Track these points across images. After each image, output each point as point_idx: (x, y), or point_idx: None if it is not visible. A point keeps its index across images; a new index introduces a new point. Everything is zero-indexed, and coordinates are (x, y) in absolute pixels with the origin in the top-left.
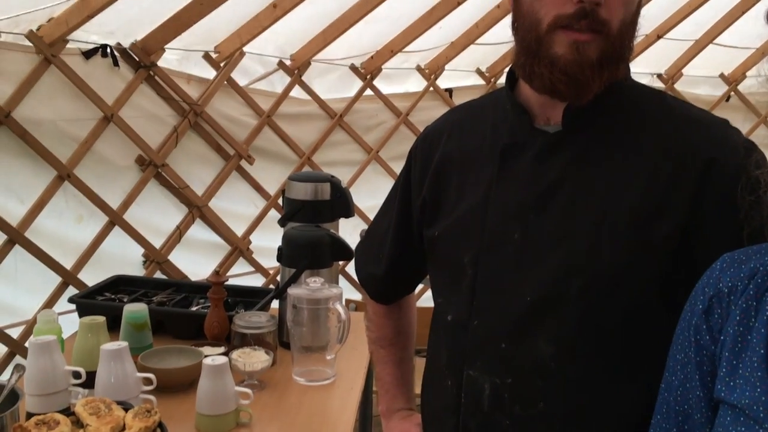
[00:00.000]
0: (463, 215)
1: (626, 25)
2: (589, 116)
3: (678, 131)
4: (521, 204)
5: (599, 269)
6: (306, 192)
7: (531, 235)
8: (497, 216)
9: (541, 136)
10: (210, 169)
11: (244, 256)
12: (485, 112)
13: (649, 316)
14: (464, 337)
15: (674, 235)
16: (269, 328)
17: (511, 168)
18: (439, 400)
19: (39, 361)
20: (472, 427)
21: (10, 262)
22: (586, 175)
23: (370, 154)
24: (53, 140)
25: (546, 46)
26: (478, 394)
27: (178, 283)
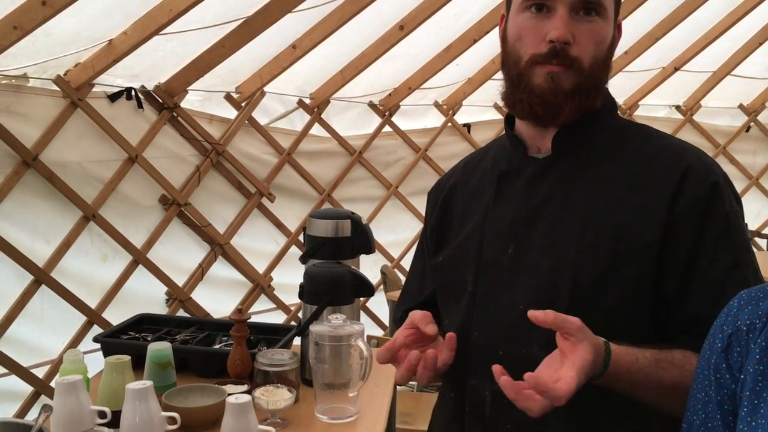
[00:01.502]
0: (465, 238)
1: (598, 61)
2: (575, 143)
3: (658, 153)
4: (513, 221)
5: (583, 278)
6: (327, 229)
7: (523, 248)
8: (493, 234)
9: (533, 162)
10: (232, 207)
11: (266, 293)
12: (488, 152)
13: (634, 319)
14: (465, 349)
15: (653, 243)
16: (292, 366)
17: (505, 191)
18: (445, 412)
19: (65, 401)
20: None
21: (36, 302)
22: (570, 193)
23: (389, 190)
24: (79, 181)
25: (526, 78)
26: (480, 401)
27: (201, 321)
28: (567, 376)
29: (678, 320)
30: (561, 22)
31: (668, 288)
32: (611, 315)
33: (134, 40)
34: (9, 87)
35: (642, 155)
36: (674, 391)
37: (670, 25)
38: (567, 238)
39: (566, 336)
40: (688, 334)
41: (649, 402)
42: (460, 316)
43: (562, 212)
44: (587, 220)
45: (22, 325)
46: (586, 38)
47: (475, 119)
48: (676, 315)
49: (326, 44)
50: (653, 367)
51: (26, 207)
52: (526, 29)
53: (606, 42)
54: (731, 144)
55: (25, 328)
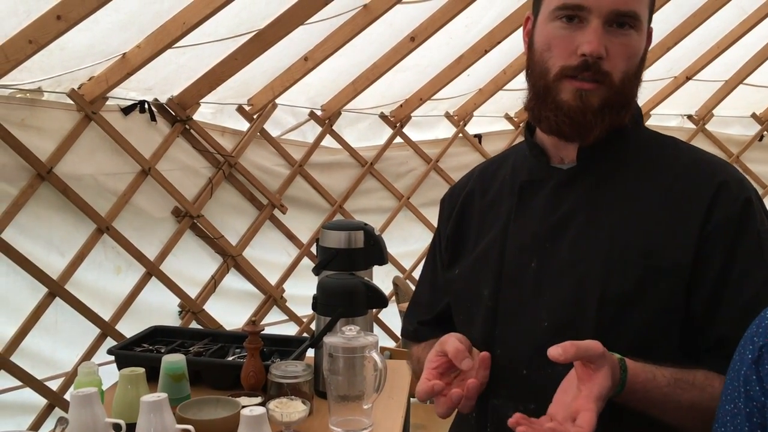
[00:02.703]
0: (483, 251)
1: (629, 76)
2: (602, 154)
3: (689, 167)
4: (537, 235)
5: (610, 295)
6: (340, 240)
7: (546, 263)
8: (515, 247)
9: (557, 173)
10: (244, 219)
11: (278, 304)
12: (507, 160)
13: (661, 338)
14: (488, 369)
15: (684, 260)
16: (305, 378)
17: (528, 203)
18: (465, 430)
19: (80, 413)
20: None
21: (50, 314)
22: (597, 207)
23: (401, 201)
24: (93, 194)
25: (554, 92)
26: (503, 421)
27: (214, 333)
28: (586, 411)
29: (706, 339)
30: (595, 35)
31: (697, 306)
32: (638, 333)
33: (147, 53)
34: (24, 101)
35: (672, 169)
36: (692, 411)
37: (681, 34)
38: (593, 253)
39: (586, 363)
40: (715, 354)
41: (666, 421)
42: (479, 333)
43: (588, 226)
44: (615, 234)
45: (36, 337)
46: (619, 53)
47: (486, 130)
48: (704, 334)
49: (338, 56)
50: (671, 386)
51: (40, 220)
52: (556, 39)
53: (638, 56)
54: (744, 153)
55: (39, 341)
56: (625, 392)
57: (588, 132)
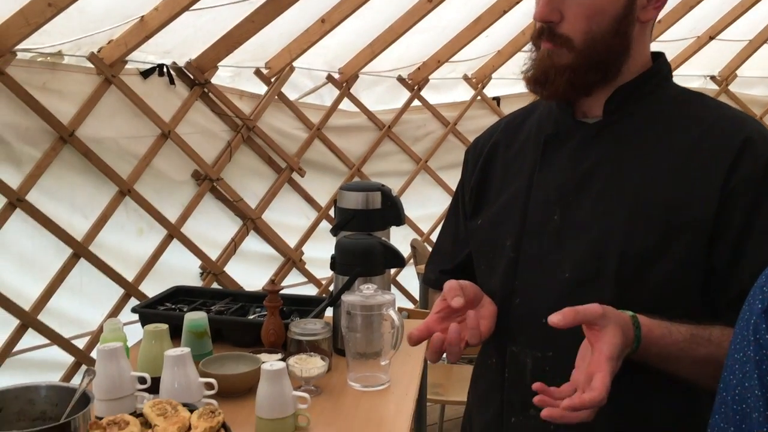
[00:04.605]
0: (506, 202)
1: (596, 35)
2: (629, 109)
3: (715, 123)
4: (561, 188)
5: (632, 250)
6: (357, 201)
7: (569, 216)
8: (539, 200)
9: (582, 127)
10: (263, 182)
11: (297, 266)
12: (532, 113)
13: (682, 294)
14: (506, 316)
15: (707, 216)
16: (324, 335)
17: (552, 156)
18: (485, 379)
19: (106, 367)
20: (516, 402)
21: (75, 275)
22: (622, 161)
23: (418, 164)
24: (114, 157)
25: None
26: (521, 368)
27: (235, 293)
28: (598, 372)
29: (726, 296)
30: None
31: (718, 262)
32: (659, 289)
33: (165, 16)
34: (45, 64)
35: (699, 124)
36: (708, 366)
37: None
38: (617, 207)
39: (590, 326)
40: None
41: (683, 376)
42: (499, 282)
43: (612, 180)
44: (639, 189)
45: (62, 297)
46: (577, 14)
47: (504, 92)
48: (725, 289)
49: (355, 18)
50: (687, 341)
51: (64, 182)
52: (536, 3)
53: (608, 13)
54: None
55: (65, 301)
56: (641, 349)
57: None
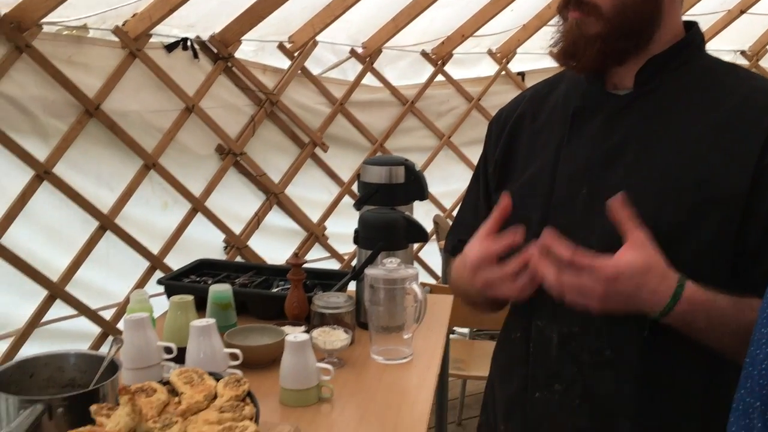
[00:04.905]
0: (533, 176)
1: (625, 1)
2: (660, 80)
3: (750, 96)
4: (589, 161)
5: (662, 226)
6: (381, 176)
7: (598, 190)
8: (566, 174)
9: (612, 98)
10: (286, 157)
11: (320, 241)
12: (559, 84)
13: (713, 271)
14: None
15: (740, 192)
16: (347, 308)
17: (581, 129)
18: (509, 353)
19: (134, 336)
20: (540, 376)
21: (102, 247)
22: (653, 134)
23: (441, 140)
24: (139, 131)
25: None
26: (546, 343)
27: (259, 266)
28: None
29: (758, 272)
30: None
31: (751, 239)
32: (689, 265)
33: None
34: (70, 38)
35: (732, 97)
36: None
37: None
38: (646, 182)
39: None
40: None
41: (720, 347)
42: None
43: (642, 154)
44: (669, 164)
45: (89, 269)
46: None
47: (529, 67)
48: (757, 267)
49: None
50: (731, 308)
51: (90, 155)
52: None
53: None
54: None
55: (92, 272)
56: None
57: (583, 59)
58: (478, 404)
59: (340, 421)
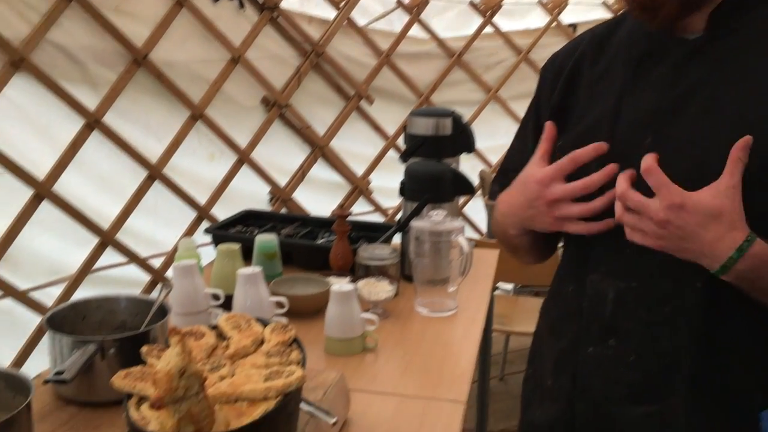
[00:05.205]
0: (592, 124)
1: None
2: (736, 23)
3: None
4: (655, 110)
5: None
6: (428, 127)
7: (662, 141)
8: (629, 123)
9: (681, 43)
10: (331, 110)
11: (364, 195)
12: (621, 26)
13: None
14: (588, 243)
15: None
16: (392, 261)
17: (646, 75)
18: (560, 307)
19: (182, 282)
20: (593, 332)
21: (150, 197)
22: (725, 81)
23: (488, 94)
24: (186, 81)
25: None
26: (601, 298)
27: (304, 217)
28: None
29: None
30: None
31: None
32: (759, 220)
33: None
34: None
35: None
36: None
37: None
38: (715, 135)
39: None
40: None
41: None
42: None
43: (712, 103)
44: (743, 113)
45: (139, 218)
46: None
47: (581, 19)
48: None
49: None
50: None
51: (138, 105)
52: None
53: None
54: None
55: (141, 221)
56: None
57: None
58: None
59: (384, 371)
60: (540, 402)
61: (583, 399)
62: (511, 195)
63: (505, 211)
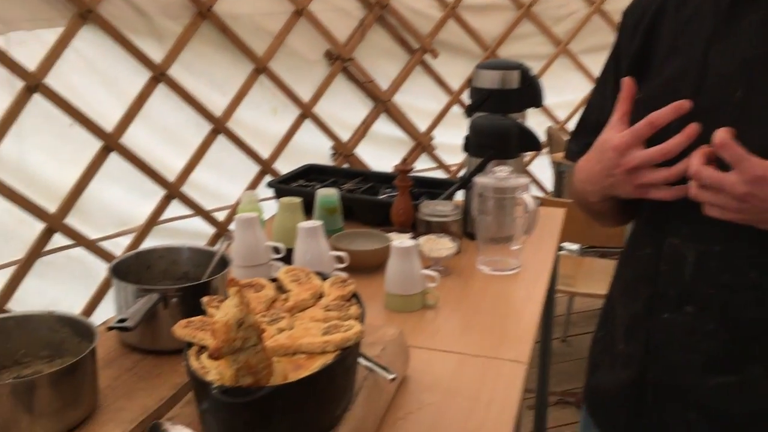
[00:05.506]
0: (675, 74)
1: None
2: None
3: None
4: (748, 60)
5: None
6: (494, 80)
7: (755, 93)
8: (717, 74)
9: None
10: (395, 64)
11: (427, 151)
12: None
13: None
14: (667, 206)
15: None
16: (454, 217)
17: (738, 23)
18: (635, 269)
19: (244, 235)
20: (671, 296)
21: (214, 150)
22: None
23: (558, 47)
24: (250, 34)
25: None
26: (680, 262)
27: (366, 172)
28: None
29: None
30: None
31: None
32: None
33: None
34: None
35: None
36: None
37: None
38: None
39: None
40: None
41: None
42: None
43: None
44: None
45: (203, 171)
46: None
47: None
48: None
49: None
50: None
51: (203, 57)
52: None
53: None
54: None
55: (206, 174)
56: None
57: None
58: (585, 322)
59: (444, 329)
60: (610, 366)
61: (655, 367)
62: (589, 162)
63: (584, 179)
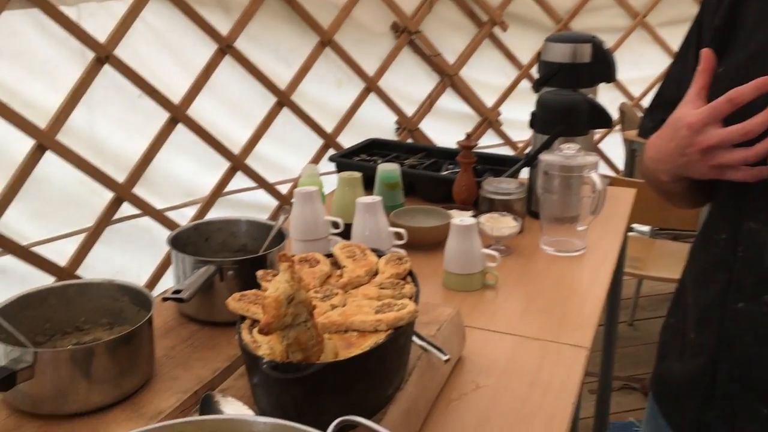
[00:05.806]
0: (761, 48)
1: None
2: None
3: None
4: None
5: None
6: (564, 54)
7: None
8: None
9: None
10: (462, 37)
11: (493, 127)
12: None
13: None
14: (747, 187)
15: None
16: (518, 195)
17: None
18: (710, 255)
19: (303, 208)
20: (747, 285)
21: (278, 123)
22: None
23: (635, 20)
24: (315, 6)
25: None
26: (759, 248)
27: (429, 148)
28: None
29: None
30: None
31: None
32: None
33: None
34: None
35: None
36: None
37: None
38: None
39: None
40: None
41: None
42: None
43: None
44: None
45: (267, 143)
46: None
47: None
48: None
49: None
50: None
51: (269, 30)
52: None
53: None
54: None
55: (270, 147)
56: None
57: None
58: (653, 306)
59: (503, 310)
60: (679, 355)
61: (727, 358)
62: (661, 139)
63: (655, 157)
